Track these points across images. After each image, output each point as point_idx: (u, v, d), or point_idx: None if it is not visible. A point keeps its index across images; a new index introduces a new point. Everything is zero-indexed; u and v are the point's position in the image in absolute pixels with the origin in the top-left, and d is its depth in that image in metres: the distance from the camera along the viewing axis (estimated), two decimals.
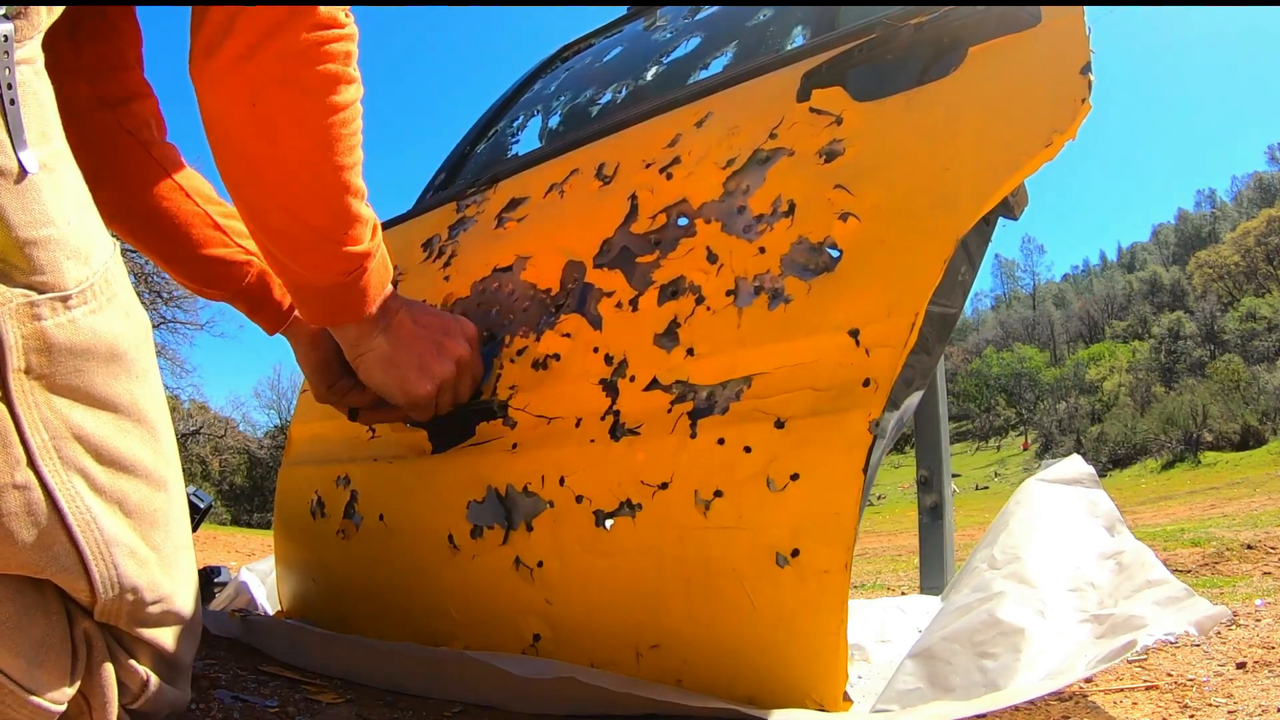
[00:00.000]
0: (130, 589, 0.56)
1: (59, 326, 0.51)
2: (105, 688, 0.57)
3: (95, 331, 0.53)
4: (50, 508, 0.50)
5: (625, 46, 1.54)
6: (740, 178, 0.91)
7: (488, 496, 0.97)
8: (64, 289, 0.51)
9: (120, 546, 0.55)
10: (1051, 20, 0.77)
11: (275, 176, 0.72)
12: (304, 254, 0.77)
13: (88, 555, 0.53)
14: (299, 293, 0.83)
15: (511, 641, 0.92)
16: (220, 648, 1.13)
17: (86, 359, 0.53)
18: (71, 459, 0.52)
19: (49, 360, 0.50)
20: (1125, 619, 0.80)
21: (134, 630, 0.59)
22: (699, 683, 0.77)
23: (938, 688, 0.81)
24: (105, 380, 0.54)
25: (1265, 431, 26.44)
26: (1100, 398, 43.09)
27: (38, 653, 0.52)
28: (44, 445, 0.50)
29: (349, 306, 0.83)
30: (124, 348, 0.56)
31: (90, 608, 0.55)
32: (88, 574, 0.53)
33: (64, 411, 0.51)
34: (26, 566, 0.50)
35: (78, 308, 0.52)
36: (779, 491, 0.73)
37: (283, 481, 1.36)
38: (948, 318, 0.78)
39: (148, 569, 0.57)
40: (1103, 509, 1.04)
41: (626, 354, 0.91)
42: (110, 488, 0.55)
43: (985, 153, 0.75)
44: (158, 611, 0.59)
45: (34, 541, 0.50)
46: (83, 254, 0.53)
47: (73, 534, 0.52)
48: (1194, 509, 10.11)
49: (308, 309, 0.85)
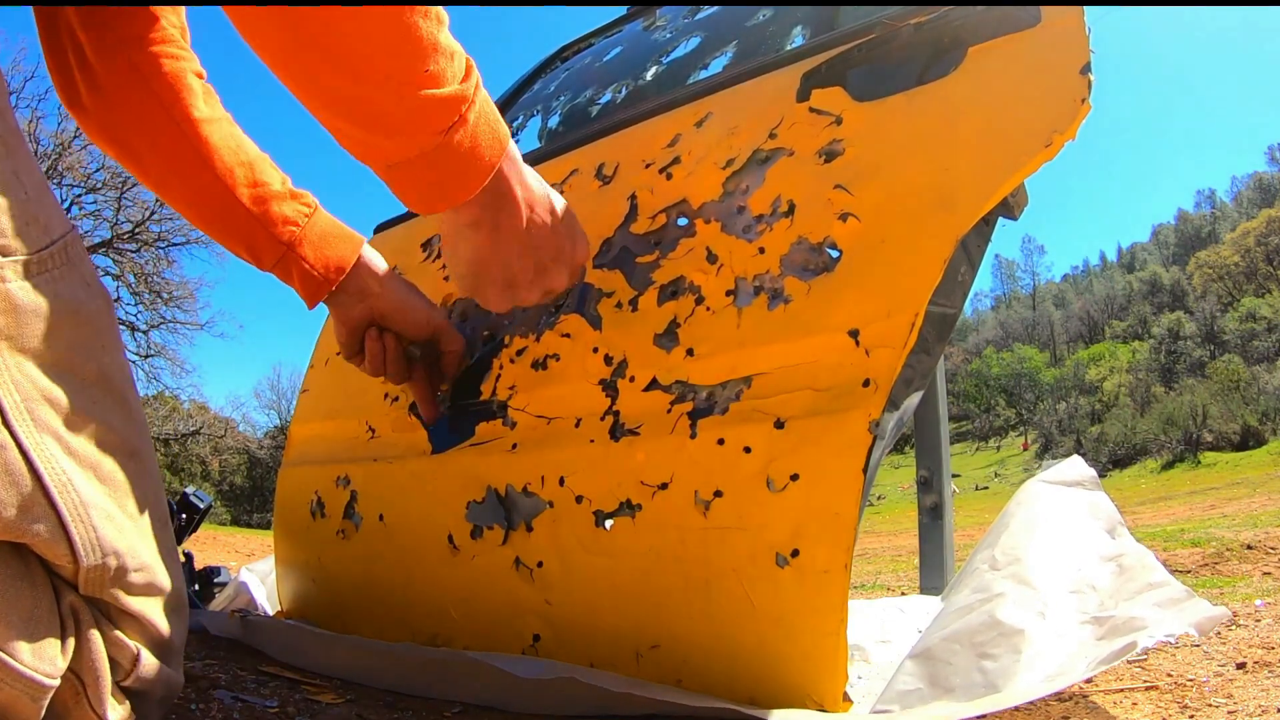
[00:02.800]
0: (112, 553, 0.55)
1: (22, 290, 0.51)
2: (96, 662, 0.56)
3: (59, 297, 0.53)
4: (27, 469, 0.50)
5: (625, 46, 1.54)
6: (740, 178, 0.91)
7: (487, 497, 0.97)
8: (25, 251, 0.51)
9: (97, 509, 0.54)
10: (1051, 20, 0.77)
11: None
12: (368, 113, 0.59)
13: (66, 517, 0.52)
14: (387, 175, 0.65)
15: (511, 641, 0.92)
16: (220, 648, 1.13)
17: (52, 324, 0.53)
18: (44, 421, 0.51)
19: (15, 321, 0.50)
20: (1126, 621, 0.80)
21: (120, 601, 0.58)
22: (699, 683, 0.77)
23: (938, 688, 0.81)
24: (71, 347, 0.54)
25: (1265, 432, 26.45)
26: (1100, 398, 43.11)
27: (28, 625, 0.51)
28: (16, 405, 0.49)
29: (456, 178, 0.65)
30: (87, 316, 0.56)
31: (73, 578, 0.55)
32: (68, 537, 0.52)
33: (33, 374, 0.51)
34: (7, 530, 0.50)
35: (40, 274, 0.52)
36: (779, 492, 0.73)
37: (282, 482, 1.36)
38: (948, 318, 0.78)
39: (126, 535, 0.57)
40: (1104, 511, 1.04)
41: (626, 354, 0.91)
42: (83, 453, 0.54)
43: (985, 153, 0.75)
44: (141, 581, 0.58)
45: (14, 503, 0.49)
46: (42, 223, 0.53)
47: (50, 495, 0.51)
48: (1194, 509, 10.11)
49: (406, 193, 0.67)
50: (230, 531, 11.60)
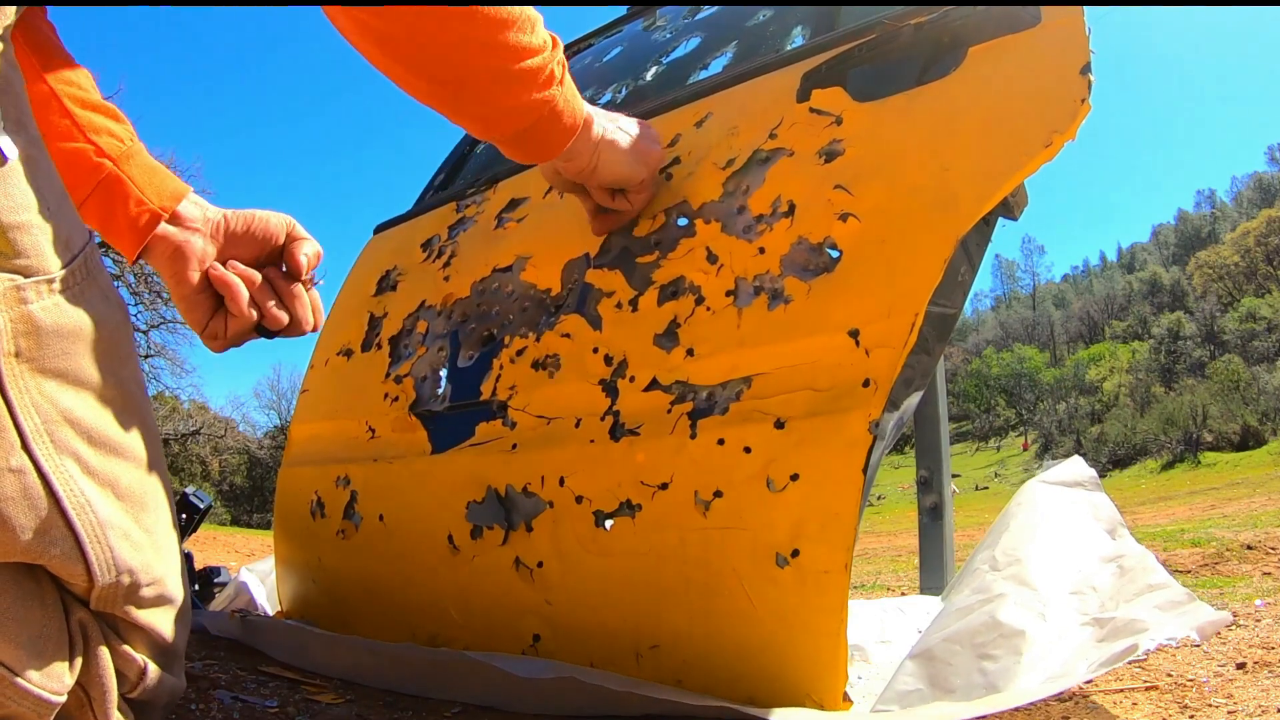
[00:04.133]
0: (126, 571, 0.56)
1: (45, 310, 0.51)
2: (104, 677, 0.57)
3: (80, 314, 0.54)
4: (46, 492, 0.50)
5: (625, 46, 1.54)
6: (740, 178, 0.91)
7: (487, 497, 0.97)
8: (49, 273, 0.51)
9: (115, 529, 0.55)
10: (1051, 20, 0.77)
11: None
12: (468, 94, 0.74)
13: (84, 539, 0.52)
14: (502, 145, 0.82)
15: (511, 641, 0.92)
16: (220, 648, 1.13)
17: (73, 342, 0.53)
18: (64, 442, 0.52)
19: (37, 344, 0.50)
20: (1126, 622, 0.80)
21: (130, 615, 0.58)
22: (699, 683, 0.77)
23: (938, 689, 0.81)
24: (91, 363, 0.54)
25: (1265, 432, 26.45)
26: (1100, 398, 43.11)
27: (36, 643, 0.52)
28: (37, 429, 0.50)
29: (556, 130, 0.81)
30: (107, 330, 0.56)
31: (86, 595, 0.55)
32: (84, 558, 0.53)
33: (53, 395, 0.51)
34: (25, 553, 0.50)
35: (62, 291, 0.52)
36: (779, 492, 0.73)
37: (283, 482, 1.36)
38: (948, 318, 0.78)
39: (142, 551, 0.57)
40: (1104, 512, 1.04)
41: (626, 354, 0.91)
42: (102, 470, 0.55)
43: (985, 153, 0.75)
44: (152, 595, 0.59)
45: (31, 526, 0.50)
46: (63, 239, 0.54)
47: (68, 518, 0.51)
48: (1194, 509, 10.11)
49: (518, 152, 0.83)
50: (230, 531, 11.60)
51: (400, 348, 1.22)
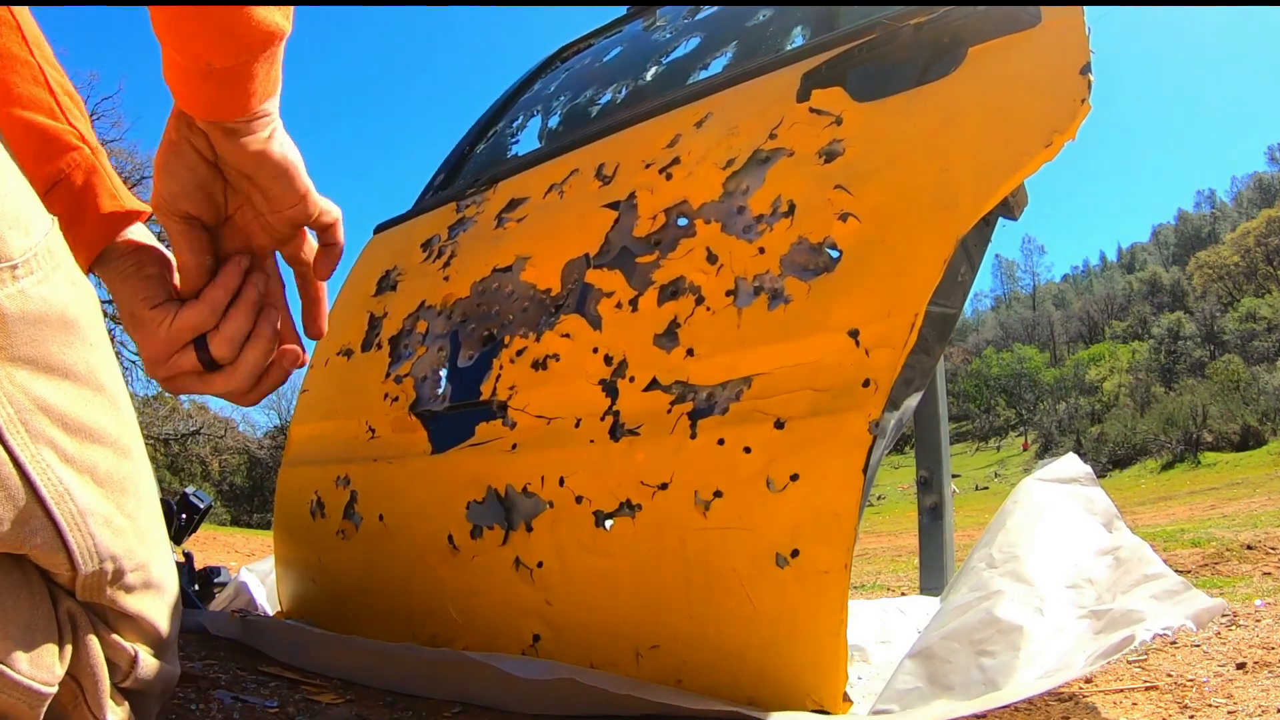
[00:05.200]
0: (109, 558, 0.55)
1: (9, 297, 0.50)
2: (95, 667, 0.57)
3: (46, 300, 0.53)
4: (23, 482, 0.50)
5: (625, 47, 1.54)
6: (740, 178, 0.91)
7: (487, 497, 0.97)
8: (10, 259, 0.51)
9: (95, 516, 0.54)
10: (1051, 20, 0.77)
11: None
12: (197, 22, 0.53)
13: (64, 528, 0.52)
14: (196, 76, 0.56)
15: (511, 642, 0.92)
16: (220, 648, 1.13)
17: (41, 328, 0.52)
18: (39, 431, 0.51)
19: (4, 332, 0.50)
20: (1123, 614, 0.80)
21: (117, 603, 0.58)
22: (699, 683, 0.77)
23: (937, 687, 0.81)
24: (61, 349, 0.54)
25: (1265, 432, 26.45)
26: (1100, 398, 43.11)
27: (25, 634, 0.52)
28: (10, 419, 0.49)
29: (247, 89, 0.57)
30: (75, 315, 0.55)
31: (71, 585, 0.55)
32: (65, 547, 0.52)
33: (25, 383, 0.51)
34: (5, 544, 0.50)
35: (25, 277, 0.51)
36: (779, 492, 0.73)
37: (283, 482, 1.36)
38: (948, 318, 0.78)
39: (124, 537, 0.57)
40: (1100, 506, 1.04)
41: (626, 354, 0.91)
42: (79, 458, 0.54)
43: (985, 153, 0.75)
44: (138, 581, 0.59)
45: (9, 517, 0.49)
46: (23, 224, 0.53)
47: (47, 507, 0.51)
48: (1194, 509, 10.10)
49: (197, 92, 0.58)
50: (230, 531, 11.59)
51: (400, 348, 1.22)
